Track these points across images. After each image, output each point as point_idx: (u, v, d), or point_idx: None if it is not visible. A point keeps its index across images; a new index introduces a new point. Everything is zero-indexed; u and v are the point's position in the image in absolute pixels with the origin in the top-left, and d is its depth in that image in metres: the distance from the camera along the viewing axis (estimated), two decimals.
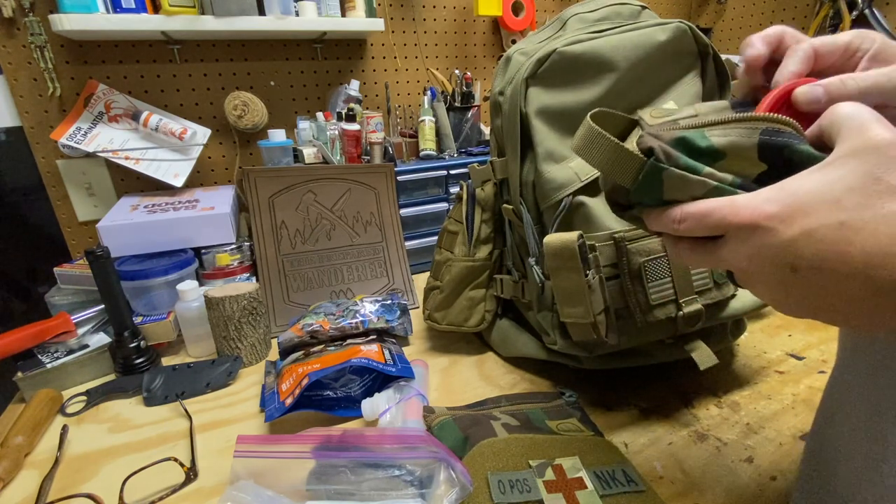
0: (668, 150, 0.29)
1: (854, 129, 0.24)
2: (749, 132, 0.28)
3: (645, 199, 0.31)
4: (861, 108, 0.25)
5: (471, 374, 0.66)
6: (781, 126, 0.27)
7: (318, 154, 1.00)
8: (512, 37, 1.34)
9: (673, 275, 0.51)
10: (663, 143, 0.30)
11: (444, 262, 0.69)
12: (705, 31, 1.54)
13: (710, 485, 0.45)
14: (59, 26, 0.82)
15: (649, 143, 0.30)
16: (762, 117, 0.28)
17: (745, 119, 0.28)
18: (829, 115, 0.26)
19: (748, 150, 0.28)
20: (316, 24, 1.00)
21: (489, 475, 0.41)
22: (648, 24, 0.55)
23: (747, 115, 0.28)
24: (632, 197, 0.32)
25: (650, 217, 0.31)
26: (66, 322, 0.68)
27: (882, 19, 1.19)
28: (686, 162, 0.29)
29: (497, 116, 0.60)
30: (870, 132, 0.23)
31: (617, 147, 0.31)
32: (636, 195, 0.32)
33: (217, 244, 0.84)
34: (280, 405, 0.55)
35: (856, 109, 0.25)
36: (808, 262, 0.24)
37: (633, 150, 0.31)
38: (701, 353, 0.53)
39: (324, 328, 0.66)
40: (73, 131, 0.91)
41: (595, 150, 0.33)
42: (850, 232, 0.22)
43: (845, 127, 0.25)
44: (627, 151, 0.31)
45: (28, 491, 0.49)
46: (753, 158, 0.28)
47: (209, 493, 0.48)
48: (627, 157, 0.31)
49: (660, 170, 0.29)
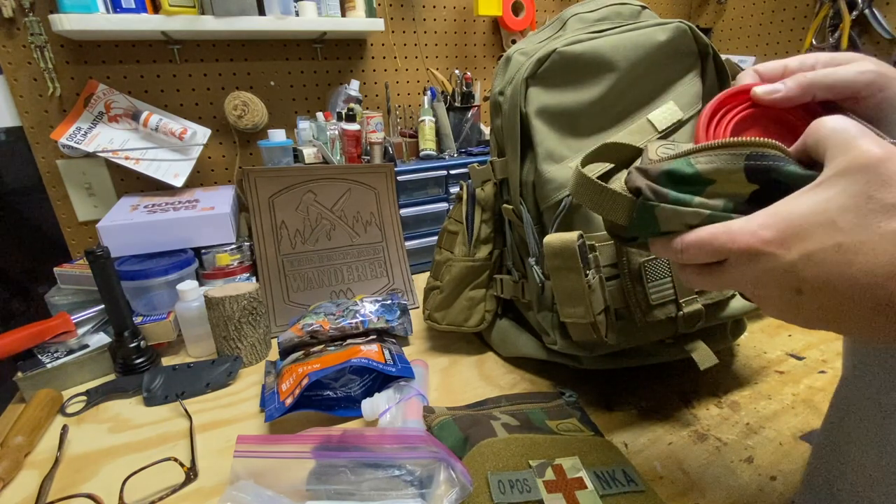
0: (656, 187, 0.30)
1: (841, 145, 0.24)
2: (734, 158, 0.28)
3: (643, 233, 0.32)
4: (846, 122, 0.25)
5: (471, 374, 0.66)
6: (765, 150, 0.27)
7: (318, 154, 1.00)
8: (512, 37, 1.34)
9: (673, 275, 0.51)
10: (650, 182, 0.30)
11: (444, 262, 0.69)
12: (705, 31, 1.54)
13: (710, 485, 0.45)
14: (59, 26, 0.82)
15: (636, 183, 0.31)
16: (745, 142, 0.28)
17: (728, 145, 0.28)
18: (813, 132, 0.26)
19: (736, 175, 0.28)
20: (316, 24, 1.00)
21: (489, 475, 0.41)
22: (648, 24, 0.55)
23: (731, 140, 0.28)
24: (629, 232, 0.33)
25: (655, 246, 0.32)
26: (66, 322, 0.68)
27: (882, 19, 1.19)
28: (675, 196, 0.29)
29: (497, 116, 0.60)
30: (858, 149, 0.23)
31: (605, 191, 0.32)
32: (633, 231, 0.32)
33: (217, 244, 0.84)
34: (280, 405, 0.55)
35: (840, 123, 0.25)
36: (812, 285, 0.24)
37: (622, 192, 0.31)
38: (701, 353, 0.53)
39: (324, 328, 0.67)
40: (73, 131, 0.91)
41: (587, 195, 0.34)
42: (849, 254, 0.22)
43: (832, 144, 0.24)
44: (616, 194, 0.32)
45: (28, 491, 0.49)
46: (743, 181, 0.28)
47: (209, 493, 0.48)
48: (617, 200, 0.32)
49: (651, 207, 0.30)
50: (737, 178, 0.28)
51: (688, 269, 0.31)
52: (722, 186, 0.28)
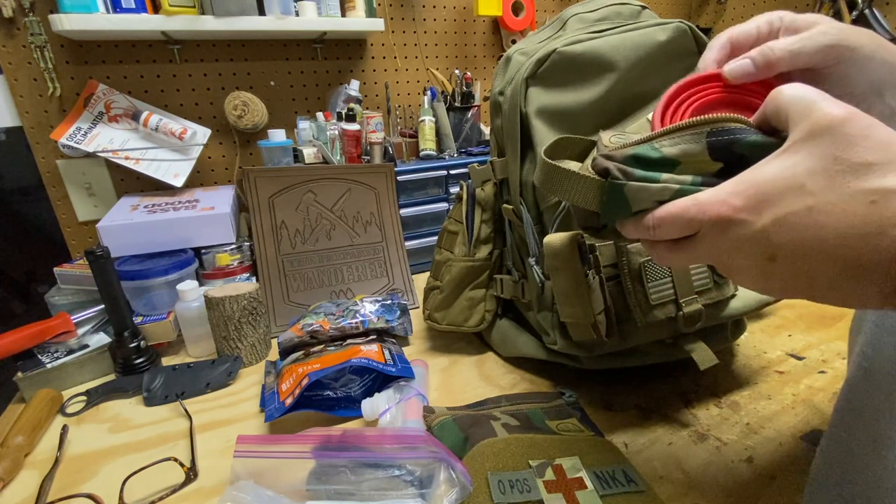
0: (623, 166, 0.30)
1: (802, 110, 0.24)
2: (696, 137, 0.28)
3: (615, 216, 0.32)
4: (804, 88, 0.25)
5: (471, 374, 0.66)
6: (726, 124, 0.27)
7: (318, 154, 1.00)
8: (512, 37, 1.34)
9: (673, 275, 0.51)
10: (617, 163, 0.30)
11: (444, 262, 0.69)
12: (705, 31, 1.54)
13: (710, 485, 0.45)
14: (59, 26, 0.82)
15: (603, 165, 0.31)
16: (705, 120, 0.28)
17: (689, 126, 0.28)
18: (772, 101, 0.26)
19: (700, 154, 0.28)
20: (316, 24, 1.00)
21: (489, 475, 0.41)
22: (648, 24, 0.55)
23: (692, 121, 0.28)
24: (602, 218, 0.33)
25: (626, 227, 0.32)
26: (66, 322, 0.68)
27: (882, 19, 1.19)
28: (643, 174, 0.29)
29: (497, 116, 0.60)
30: (819, 112, 0.23)
31: (574, 176, 0.32)
32: (606, 216, 0.32)
33: (217, 244, 0.84)
34: (280, 405, 0.55)
35: (799, 90, 0.25)
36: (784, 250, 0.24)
37: (590, 175, 0.31)
38: (701, 353, 0.53)
39: (324, 328, 0.66)
40: (73, 131, 0.91)
41: (555, 183, 0.34)
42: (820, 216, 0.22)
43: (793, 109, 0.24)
44: (585, 178, 0.32)
45: (28, 491, 0.49)
46: (707, 160, 0.28)
47: (209, 493, 0.48)
48: (586, 183, 0.32)
49: (619, 186, 0.30)
50: (701, 158, 0.28)
51: (659, 245, 0.30)
52: (688, 167, 0.29)
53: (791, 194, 0.23)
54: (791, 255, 0.24)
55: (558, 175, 0.34)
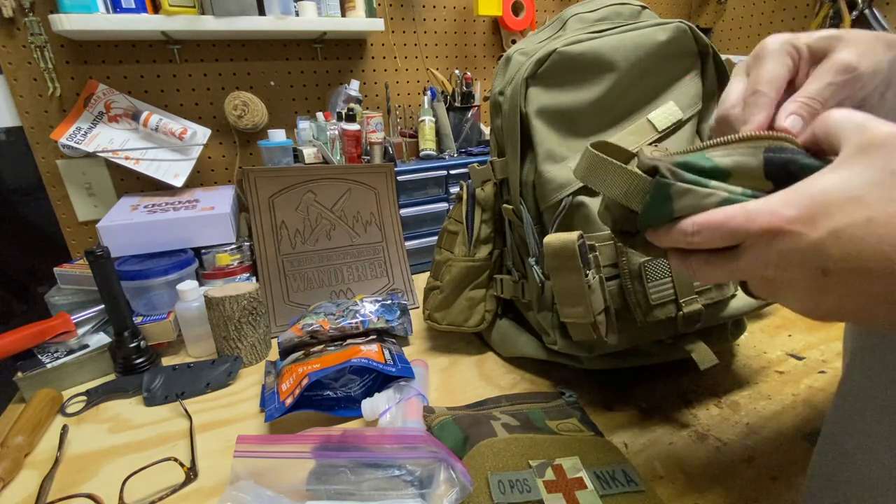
0: (672, 167, 0.29)
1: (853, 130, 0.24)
2: (753, 150, 0.27)
3: (655, 220, 0.31)
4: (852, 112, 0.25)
5: (471, 374, 0.66)
6: (783, 143, 0.27)
7: (318, 154, 1.00)
8: (512, 37, 1.34)
9: (673, 275, 0.51)
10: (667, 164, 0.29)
11: (444, 262, 0.69)
12: (705, 31, 1.54)
13: (710, 485, 0.45)
14: (59, 26, 0.82)
15: (652, 164, 0.30)
16: (764, 136, 0.27)
17: (747, 139, 0.28)
18: (821, 125, 0.26)
19: (754, 170, 0.27)
20: (316, 24, 1.00)
21: (489, 475, 0.41)
22: (648, 24, 0.55)
23: (749, 134, 0.28)
24: (641, 221, 0.32)
25: (659, 233, 0.30)
26: (66, 322, 0.68)
27: (882, 19, 1.19)
28: (692, 177, 0.28)
29: (497, 116, 0.60)
30: (871, 129, 0.23)
31: (622, 170, 0.31)
32: (645, 217, 0.31)
33: (217, 244, 0.84)
34: (280, 405, 0.55)
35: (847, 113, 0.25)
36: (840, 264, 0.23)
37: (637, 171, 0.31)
38: (701, 353, 0.53)
39: (324, 328, 0.67)
40: (73, 131, 0.91)
41: (598, 176, 0.33)
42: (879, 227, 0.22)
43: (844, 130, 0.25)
44: (631, 173, 0.31)
45: (28, 491, 0.49)
46: (760, 177, 0.27)
47: (209, 493, 0.48)
48: (632, 179, 0.31)
49: (667, 185, 0.29)
50: (754, 175, 0.27)
51: (695, 256, 0.29)
52: (737, 180, 0.28)
53: (849, 206, 0.23)
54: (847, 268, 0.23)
55: (604, 167, 0.32)
